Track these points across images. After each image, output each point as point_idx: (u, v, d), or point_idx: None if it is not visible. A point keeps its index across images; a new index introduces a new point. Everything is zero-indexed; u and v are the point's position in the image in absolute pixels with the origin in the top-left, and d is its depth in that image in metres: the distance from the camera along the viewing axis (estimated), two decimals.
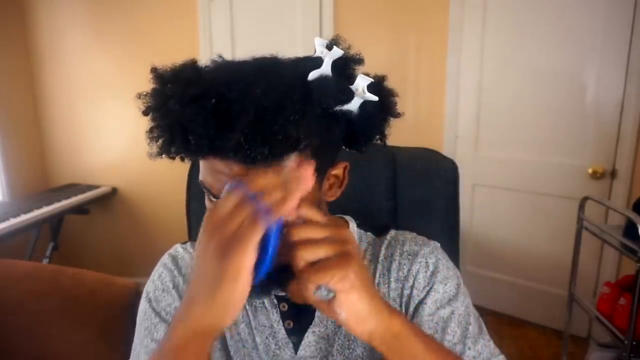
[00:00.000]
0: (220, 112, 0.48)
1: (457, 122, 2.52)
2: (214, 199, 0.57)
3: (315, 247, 0.47)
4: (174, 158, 0.56)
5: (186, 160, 0.59)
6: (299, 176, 0.46)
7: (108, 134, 2.85)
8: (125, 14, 2.68)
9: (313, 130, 0.51)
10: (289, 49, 0.57)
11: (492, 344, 0.65)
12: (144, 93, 0.55)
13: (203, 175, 0.56)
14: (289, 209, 0.45)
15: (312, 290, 0.47)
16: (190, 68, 0.54)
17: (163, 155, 0.55)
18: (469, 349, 0.63)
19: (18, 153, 2.71)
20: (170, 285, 0.69)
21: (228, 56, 0.58)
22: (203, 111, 0.48)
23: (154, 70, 0.55)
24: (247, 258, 0.44)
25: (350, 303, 0.47)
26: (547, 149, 2.29)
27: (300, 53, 0.57)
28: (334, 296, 0.48)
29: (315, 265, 0.46)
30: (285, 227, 0.47)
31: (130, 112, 2.79)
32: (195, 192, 0.95)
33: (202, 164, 0.56)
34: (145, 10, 2.67)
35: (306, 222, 0.49)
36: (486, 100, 2.43)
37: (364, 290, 0.47)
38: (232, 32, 2.65)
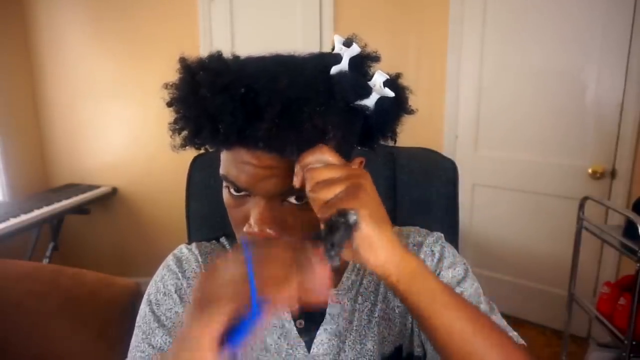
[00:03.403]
0: (248, 103, 0.49)
1: (457, 122, 2.52)
2: (235, 193, 0.57)
3: (331, 186, 0.48)
4: (199, 148, 0.56)
5: (190, 152, 0.59)
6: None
7: (108, 134, 2.85)
8: (125, 13, 2.68)
9: (337, 123, 0.52)
10: (289, 49, 0.57)
11: (504, 322, 0.66)
12: (171, 83, 0.55)
13: (226, 168, 0.56)
14: (280, 305, 0.43)
15: (326, 222, 0.47)
16: (218, 59, 0.55)
17: (187, 147, 0.55)
18: None
19: (18, 153, 2.71)
20: (173, 289, 0.68)
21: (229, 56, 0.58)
22: (232, 100, 0.49)
23: (182, 60, 0.55)
24: (209, 324, 0.41)
25: (361, 232, 0.47)
26: (547, 149, 2.29)
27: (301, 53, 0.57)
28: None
29: (329, 201, 0.47)
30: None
31: (131, 111, 2.83)
32: (195, 192, 0.94)
33: (226, 156, 0.56)
34: (145, 10, 2.68)
35: (325, 165, 0.49)
36: (486, 100, 2.43)
37: (374, 221, 0.47)
38: (232, 32, 2.65)
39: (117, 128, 2.83)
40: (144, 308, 0.68)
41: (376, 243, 0.48)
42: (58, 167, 2.92)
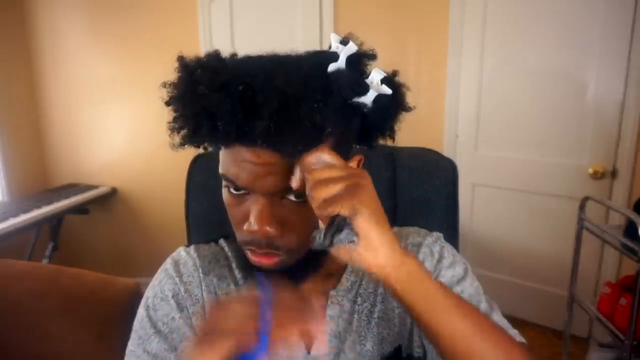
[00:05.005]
0: (246, 100, 0.49)
1: (457, 122, 2.52)
2: (235, 191, 0.57)
3: (331, 185, 0.48)
4: (198, 147, 0.56)
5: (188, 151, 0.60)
6: None
7: (108, 134, 2.85)
8: (125, 15, 2.68)
9: (335, 120, 0.52)
10: (289, 49, 0.57)
11: (505, 320, 0.66)
12: (169, 82, 0.55)
13: (226, 166, 0.56)
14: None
15: (325, 222, 0.48)
16: (215, 57, 0.55)
17: (186, 146, 0.56)
18: None
19: (18, 153, 2.71)
20: (170, 294, 0.67)
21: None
22: (231, 98, 0.49)
23: (180, 58, 0.55)
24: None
25: (362, 231, 0.47)
26: (547, 148, 2.29)
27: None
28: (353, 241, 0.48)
29: (328, 199, 0.48)
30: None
31: (131, 112, 2.82)
32: (195, 192, 0.94)
33: (225, 154, 0.56)
34: (145, 11, 2.67)
35: (325, 165, 0.50)
36: (486, 100, 2.43)
37: (374, 220, 0.48)
38: (232, 32, 2.65)
39: (117, 128, 2.83)
40: (141, 312, 0.68)
41: (376, 242, 0.48)
42: (58, 167, 2.92)
